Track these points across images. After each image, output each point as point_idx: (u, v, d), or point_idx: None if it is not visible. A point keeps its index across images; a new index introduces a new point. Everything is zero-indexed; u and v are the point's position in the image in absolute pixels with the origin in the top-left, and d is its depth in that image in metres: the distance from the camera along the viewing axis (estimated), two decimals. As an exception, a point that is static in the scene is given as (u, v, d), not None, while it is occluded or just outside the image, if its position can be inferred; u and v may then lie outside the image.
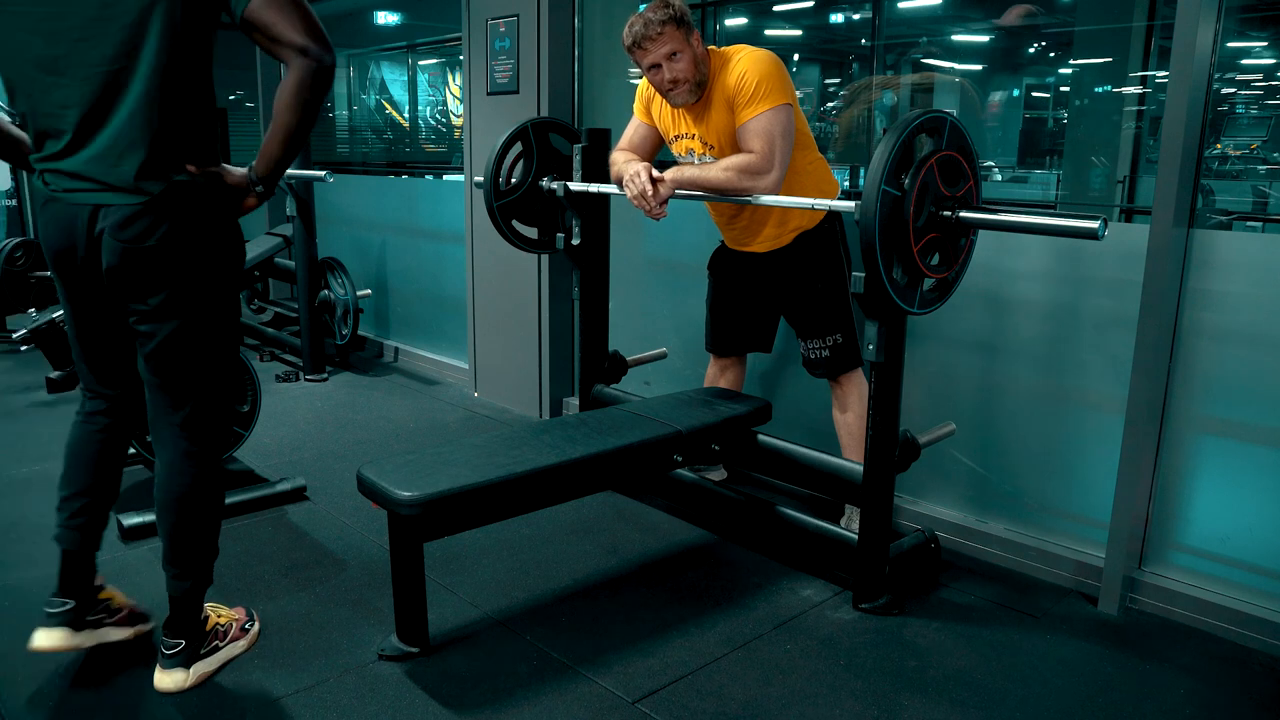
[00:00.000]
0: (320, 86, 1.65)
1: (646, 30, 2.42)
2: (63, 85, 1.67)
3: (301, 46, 1.62)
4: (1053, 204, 5.77)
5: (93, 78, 1.66)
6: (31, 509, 2.82)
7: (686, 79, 2.46)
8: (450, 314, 4.62)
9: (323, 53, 1.63)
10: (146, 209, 1.70)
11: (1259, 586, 2.23)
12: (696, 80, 2.47)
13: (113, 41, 1.65)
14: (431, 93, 7.89)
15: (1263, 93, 6.34)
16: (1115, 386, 2.36)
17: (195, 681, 1.95)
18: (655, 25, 2.41)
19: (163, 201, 1.70)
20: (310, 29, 1.63)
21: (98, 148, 1.69)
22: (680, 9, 2.43)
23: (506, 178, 2.92)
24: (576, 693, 1.96)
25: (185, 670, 1.93)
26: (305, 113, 1.66)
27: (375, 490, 2.01)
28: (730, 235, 2.75)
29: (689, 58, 2.44)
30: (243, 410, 2.93)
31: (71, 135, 1.69)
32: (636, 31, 2.43)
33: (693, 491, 2.80)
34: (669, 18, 2.40)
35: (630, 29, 2.45)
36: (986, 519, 2.68)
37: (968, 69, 7.15)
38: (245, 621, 2.13)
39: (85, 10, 1.64)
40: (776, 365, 3.15)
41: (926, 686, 2.00)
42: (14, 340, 4.15)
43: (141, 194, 1.69)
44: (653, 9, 2.43)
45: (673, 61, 2.44)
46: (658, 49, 2.43)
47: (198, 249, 1.77)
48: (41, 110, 1.71)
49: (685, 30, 2.43)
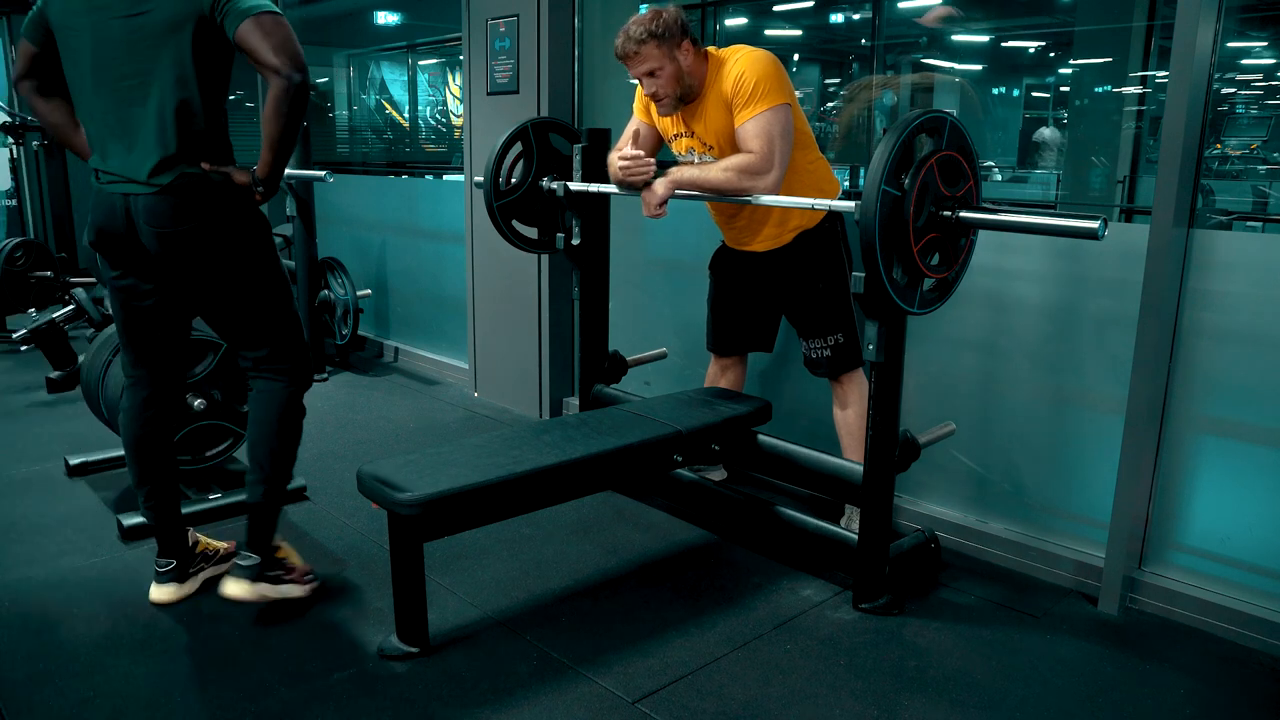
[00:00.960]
0: (293, 101, 1.88)
1: (624, 49, 2.45)
2: (100, 96, 2.00)
3: (275, 67, 1.85)
4: (1053, 204, 5.78)
5: (119, 90, 1.98)
6: (31, 509, 2.83)
7: (668, 94, 2.48)
8: (450, 314, 4.62)
9: (293, 72, 1.86)
10: (163, 199, 1.98)
11: (1259, 586, 2.23)
12: (679, 94, 2.49)
13: (135, 61, 1.95)
14: (431, 93, 7.90)
15: (1263, 93, 6.35)
16: (1115, 386, 2.36)
17: (254, 596, 2.18)
18: (633, 44, 2.42)
19: (176, 192, 1.98)
20: (283, 51, 1.86)
21: (125, 149, 2.00)
22: (664, 24, 2.41)
23: (506, 178, 2.92)
24: (576, 693, 1.96)
25: (250, 584, 2.17)
26: (285, 123, 1.90)
27: (375, 490, 2.01)
28: (730, 235, 2.75)
29: (670, 73, 2.45)
30: (243, 410, 2.92)
31: (108, 138, 2.02)
32: (618, 46, 2.46)
33: (693, 491, 2.80)
34: (648, 35, 2.40)
35: (616, 41, 2.47)
36: (986, 519, 2.69)
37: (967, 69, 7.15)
38: (309, 574, 2.32)
39: (115, 33, 1.95)
40: (776, 365, 3.15)
41: (926, 686, 2.00)
42: (14, 340, 4.15)
43: (155, 186, 1.98)
44: (636, 21, 2.44)
45: (653, 77, 2.46)
46: (637, 66, 2.46)
47: (219, 232, 2.05)
48: (88, 116, 2.06)
49: (669, 45, 2.42)
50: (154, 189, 1.98)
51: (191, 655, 2.08)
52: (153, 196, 1.98)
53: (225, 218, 2.05)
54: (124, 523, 2.62)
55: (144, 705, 1.89)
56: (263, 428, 2.21)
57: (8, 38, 6.42)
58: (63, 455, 3.17)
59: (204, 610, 2.26)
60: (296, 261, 4.41)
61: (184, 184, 1.98)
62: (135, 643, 2.11)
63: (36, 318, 4.17)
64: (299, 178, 4.19)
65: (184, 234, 2.00)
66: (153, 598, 2.26)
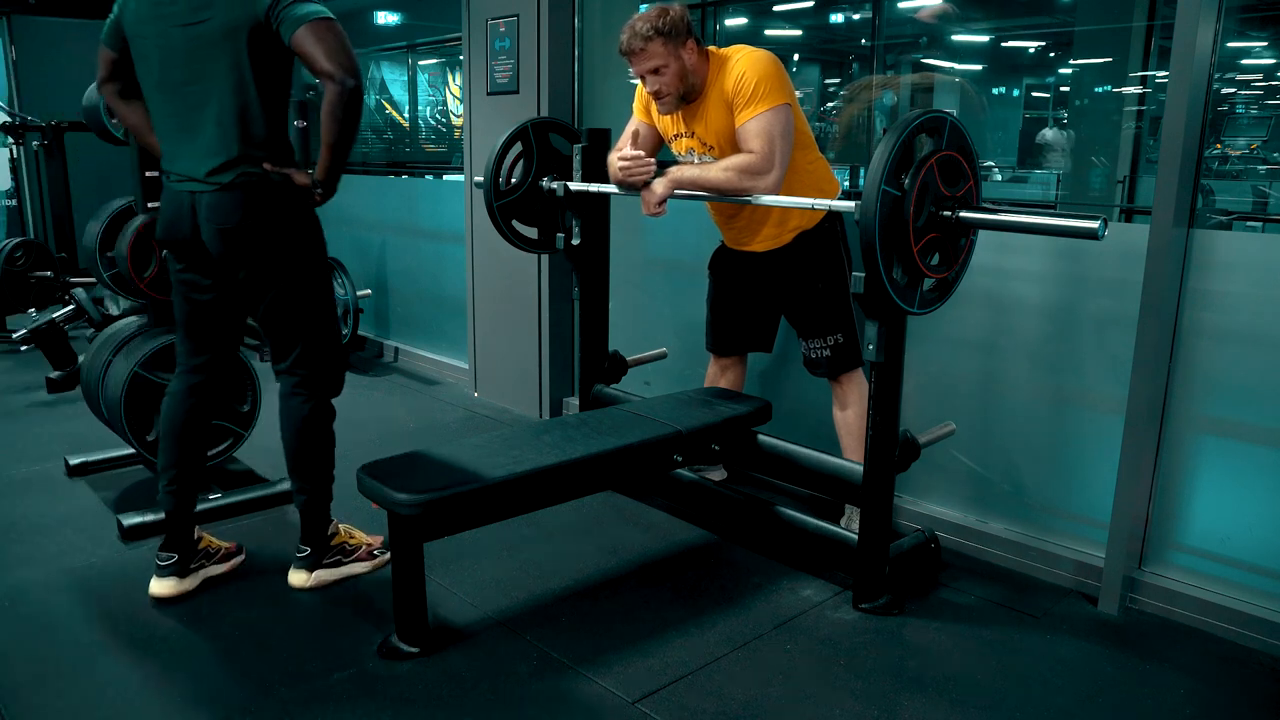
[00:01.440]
0: (349, 104, 1.95)
1: (630, 45, 2.44)
2: (166, 100, 2.12)
3: (330, 73, 1.92)
4: (1053, 204, 5.78)
5: (182, 94, 2.08)
6: (32, 509, 2.83)
7: (670, 92, 2.48)
8: (450, 314, 4.62)
9: (346, 77, 1.93)
10: (224, 196, 2.08)
11: (1259, 586, 2.23)
12: (681, 93, 2.49)
13: (195, 66, 2.05)
14: (431, 93, 7.90)
15: (1263, 93, 6.35)
16: (1115, 386, 2.36)
17: (314, 584, 2.34)
18: (639, 40, 2.42)
19: (237, 189, 2.07)
20: (337, 57, 1.93)
21: (190, 150, 2.10)
22: (670, 21, 2.41)
23: (506, 178, 2.91)
24: (576, 693, 1.96)
25: (309, 573, 2.35)
26: (341, 127, 1.97)
27: (375, 490, 2.01)
28: (729, 235, 2.75)
29: (674, 71, 2.45)
30: (243, 410, 2.93)
31: (175, 140, 2.13)
32: (623, 42, 2.46)
33: (693, 491, 2.80)
34: (655, 31, 2.40)
35: (621, 37, 2.46)
36: (986, 519, 2.68)
37: (967, 69, 7.15)
38: (376, 548, 2.46)
39: (177, 40, 2.04)
40: (776, 365, 3.15)
41: (926, 686, 2.00)
42: (14, 340, 4.15)
43: (215, 184, 2.08)
44: (643, 18, 2.43)
45: (657, 75, 2.45)
46: (642, 63, 2.45)
47: (276, 231, 2.13)
48: (158, 119, 2.16)
49: (674, 43, 2.42)
50: (213, 186, 2.08)
51: (191, 655, 2.07)
52: (215, 194, 2.08)
53: (283, 217, 2.14)
54: (124, 523, 2.62)
55: (144, 705, 1.90)
56: (291, 441, 2.31)
57: (8, 38, 6.42)
58: (63, 455, 3.17)
59: (204, 610, 2.26)
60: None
61: (245, 183, 2.07)
62: (135, 643, 2.11)
63: (36, 318, 4.18)
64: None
65: (242, 230, 2.09)
66: (153, 591, 2.28)
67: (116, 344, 2.85)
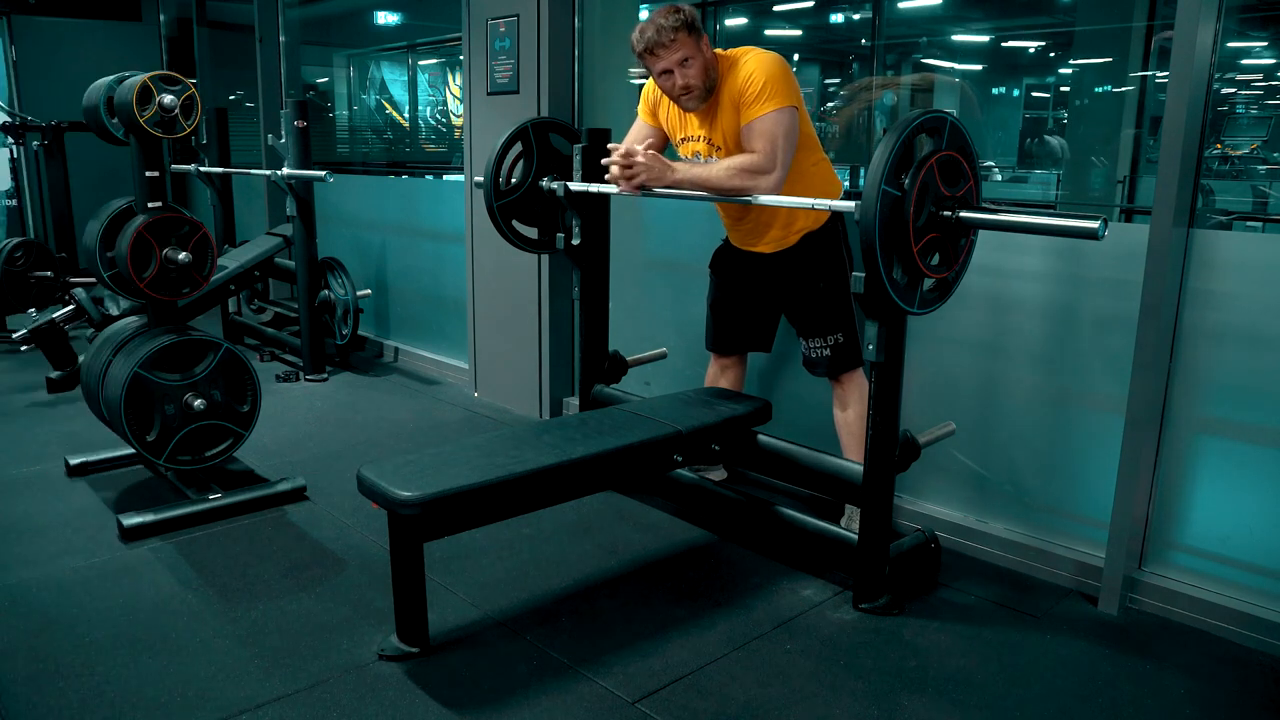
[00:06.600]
0: None
1: (659, 37, 2.41)
2: None
3: None
4: (1053, 204, 5.77)
5: None
6: (31, 509, 2.83)
7: (698, 85, 2.46)
8: (450, 314, 4.62)
9: None
10: None
11: (1259, 586, 2.23)
12: (706, 86, 2.47)
13: None
14: (431, 93, 7.90)
15: (1263, 93, 6.34)
16: (1115, 386, 2.36)
17: None
18: (668, 32, 2.40)
19: None
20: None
21: None
22: (691, 15, 2.42)
23: (506, 178, 2.91)
24: (576, 693, 1.96)
25: None
26: None
27: (375, 490, 2.01)
28: (737, 235, 2.75)
29: (700, 63, 2.44)
30: (243, 410, 2.92)
31: None
32: (649, 38, 2.42)
33: (693, 491, 2.80)
34: (681, 23, 2.40)
35: (642, 35, 2.43)
36: (986, 519, 2.68)
37: (967, 69, 7.15)
38: None
39: None
40: (776, 365, 3.15)
41: (926, 686, 2.00)
42: (14, 340, 4.15)
43: None
44: (664, 14, 2.42)
45: (685, 67, 2.44)
46: (670, 55, 2.42)
47: None
48: None
49: (696, 36, 2.43)
50: None
51: (191, 655, 2.07)
52: None
53: None
54: (124, 523, 2.62)
55: (144, 705, 1.89)
56: None
57: (8, 38, 6.43)
58: (63, 455, 3.17)
59: (204, 610, 2.26)
60: (296, 261, 4.41)
61: None
62: (135, 642, 2.11)
63: (36, 318, 4.17)
64: (299, 178, 4.18)
65: None
66: None
67: (116, 344, 2.85)
